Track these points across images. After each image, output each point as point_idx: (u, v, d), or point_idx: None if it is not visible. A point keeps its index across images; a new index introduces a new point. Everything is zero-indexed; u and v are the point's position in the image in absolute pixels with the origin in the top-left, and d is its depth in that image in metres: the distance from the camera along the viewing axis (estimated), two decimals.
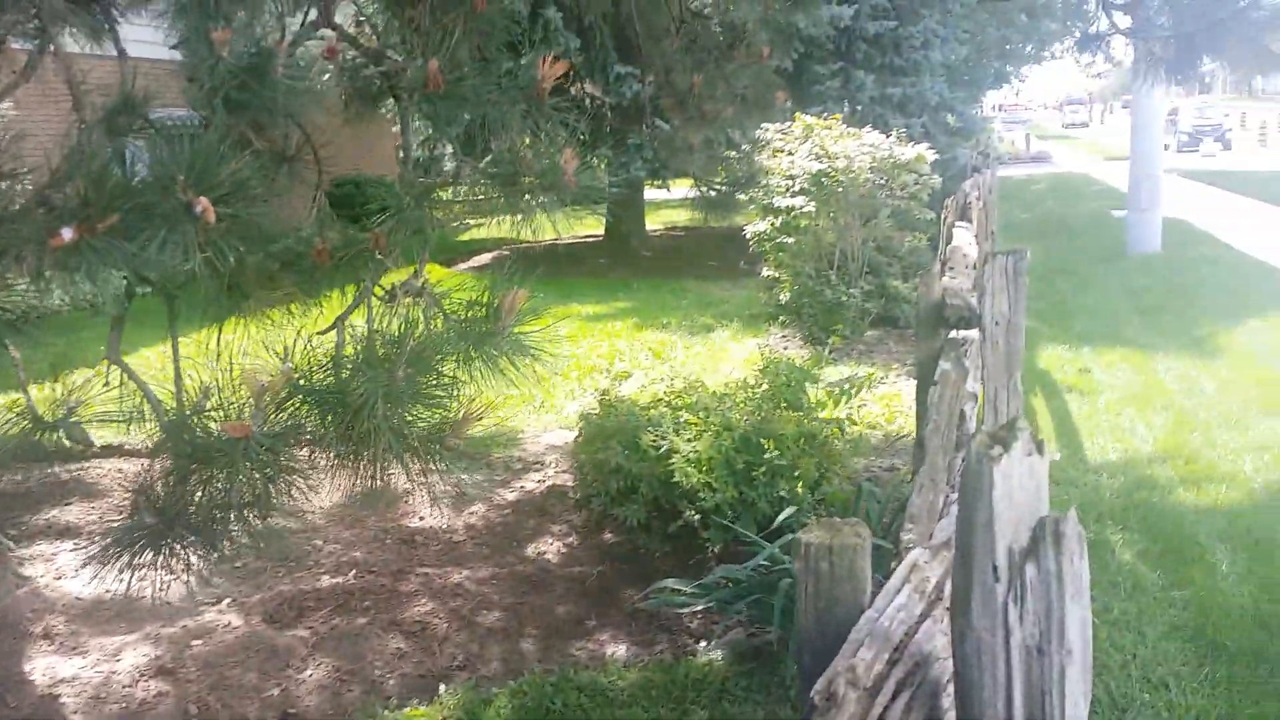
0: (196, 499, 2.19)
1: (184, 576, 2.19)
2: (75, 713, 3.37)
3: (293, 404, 2.11)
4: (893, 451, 5.41)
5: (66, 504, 5.19)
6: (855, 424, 5.40)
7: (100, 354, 2.29)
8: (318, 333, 2.43)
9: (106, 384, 2.24)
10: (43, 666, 3.67)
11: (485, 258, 14.12)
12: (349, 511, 4.91)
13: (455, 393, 2.30)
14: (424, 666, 3.61)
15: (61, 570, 4.45)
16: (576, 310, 9.54)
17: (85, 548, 4.49)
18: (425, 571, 4.34)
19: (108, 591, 4.22)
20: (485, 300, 2.35)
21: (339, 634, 3.81)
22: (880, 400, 6.35)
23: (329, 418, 2.16)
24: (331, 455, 2.24)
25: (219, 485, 2.17)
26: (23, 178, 1.91)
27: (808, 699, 1.50)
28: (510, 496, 5.21)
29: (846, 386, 5.62)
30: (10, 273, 2.05)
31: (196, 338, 2.52)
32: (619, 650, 3.71)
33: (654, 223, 16.80)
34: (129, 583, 2.12)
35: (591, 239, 15.02)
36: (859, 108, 12.20)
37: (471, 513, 5.01)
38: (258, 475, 2.06)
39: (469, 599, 4.09)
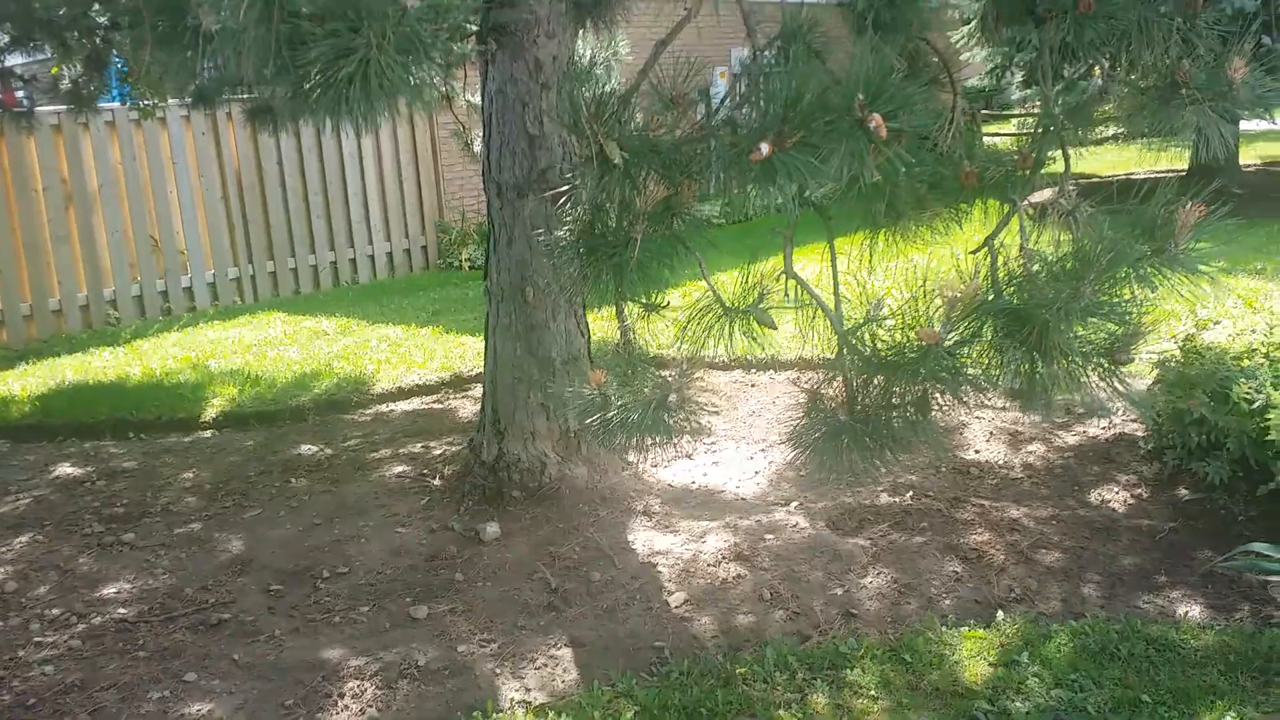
0: (867, 401, 2.59)
1: (851, 472, 2.59)
2: (669, 580, 4.08)
3: (973, 317, 2.41)
4: None
5: None
6: None
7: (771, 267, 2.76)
8: (970, 252, 2.71)
9: (786, 295, 2.71)
10: (643, 539, 4.46)
11: (1046, 194, 13.52)
12: (937, 448, 5.21)
13: (1137, 308, 2.46)
14: (980, 592, 3.82)
15: (656, 459, 5.31)
16: None
17: (675, 441, 5.31)
18: (981, 503, 4.52)
19: (694, 483, 4.99)
20: (1144, 217, 2.46)
21: (897, 549, 4.16)
22: None
23: (1006, 331, 2.42)
24: (1001, 368, 2.50)
25: (895, 388, 2.55)
26: (694, 104, 2.39)
27: None
28: (1070, 440, 5.17)
29: None
30: (701, 185, 2.59)
31: (848, 254, 2.93)
32: (1192, 610, 3.62)
33: (1249, 157, 14.90)
34: (812, 472, 2.55)
35: (1171, 173, 13.70)
36: None
37: (1029, 452, 5.07)
38: (937, 380, 2.39)
39: (1026, 535, 4.20)
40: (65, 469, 5.78)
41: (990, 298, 2.56)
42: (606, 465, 5.07)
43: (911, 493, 4.66)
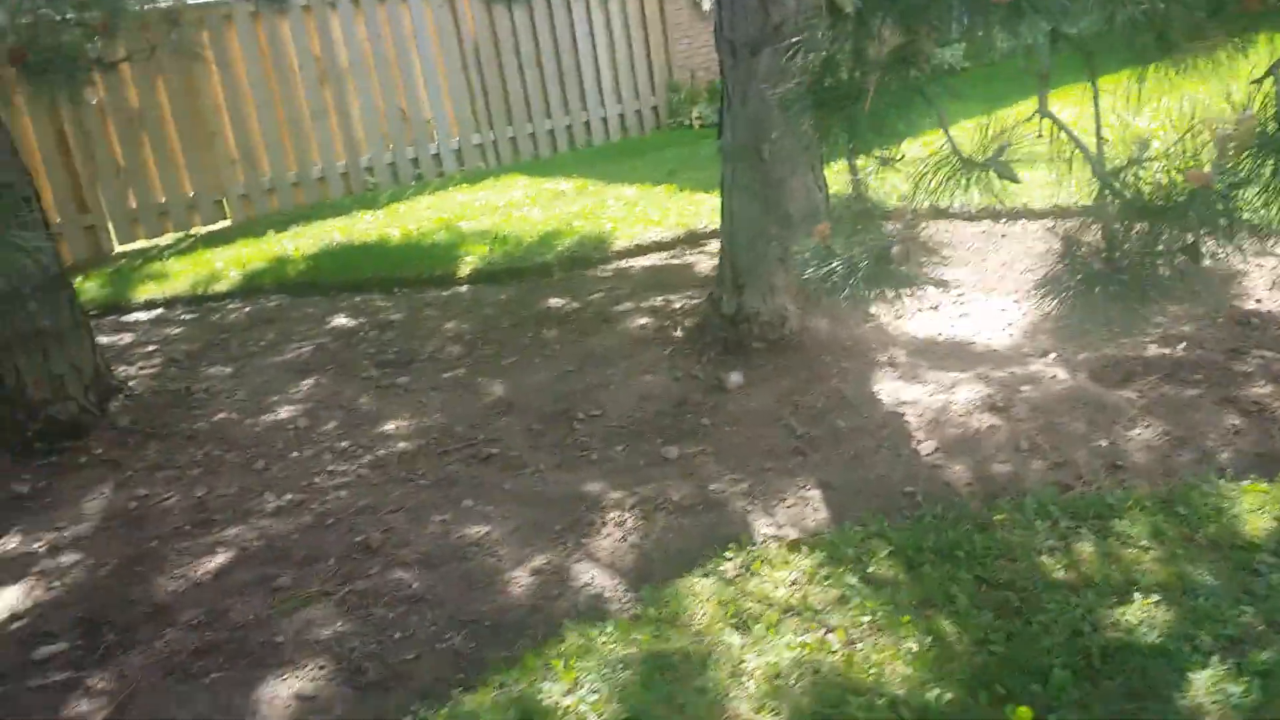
0: (1127, 247, 2.45)
1: (1107, 323, 2.48)
2: (918, 429, 4.05)
3: (1250, 155, 2.22)
4: None
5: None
6: None
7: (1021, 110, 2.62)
8: (1252, 81, 2.47)
9: (1039, 134, 2.56)
10: (888, 389, 4.43)
11: None
12: (1206, 298, 4.87)
13: None
14: (1262, 446, 3.59)
15: (901, 311, 5.21)
16: None
17: (920, 294, 5.19)
18: (1263, 355, 4.21)
19: (941, 334, 4.88)
20: None
21: (1167, 401, 3.94)
22: None
23: None
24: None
25: (1157, 233, 2.40)
26: None
27: None
28: None
29: None
30: (940, 31, 2.46)
31: (1113, 93, 2.74)
32: None
33: None
34: (1068, 322, 2.46)
35: None
36: None
37: None
38: (1207, 225, 2.23)
39: None
40: (340, 321, 6.29)
41: (1272, 130, 2.31)
42: (849, 318, 5.03)
43: (1184, 344, 4.39)
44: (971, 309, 5.18)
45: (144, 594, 3.46)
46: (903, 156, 2.92)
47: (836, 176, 5.24)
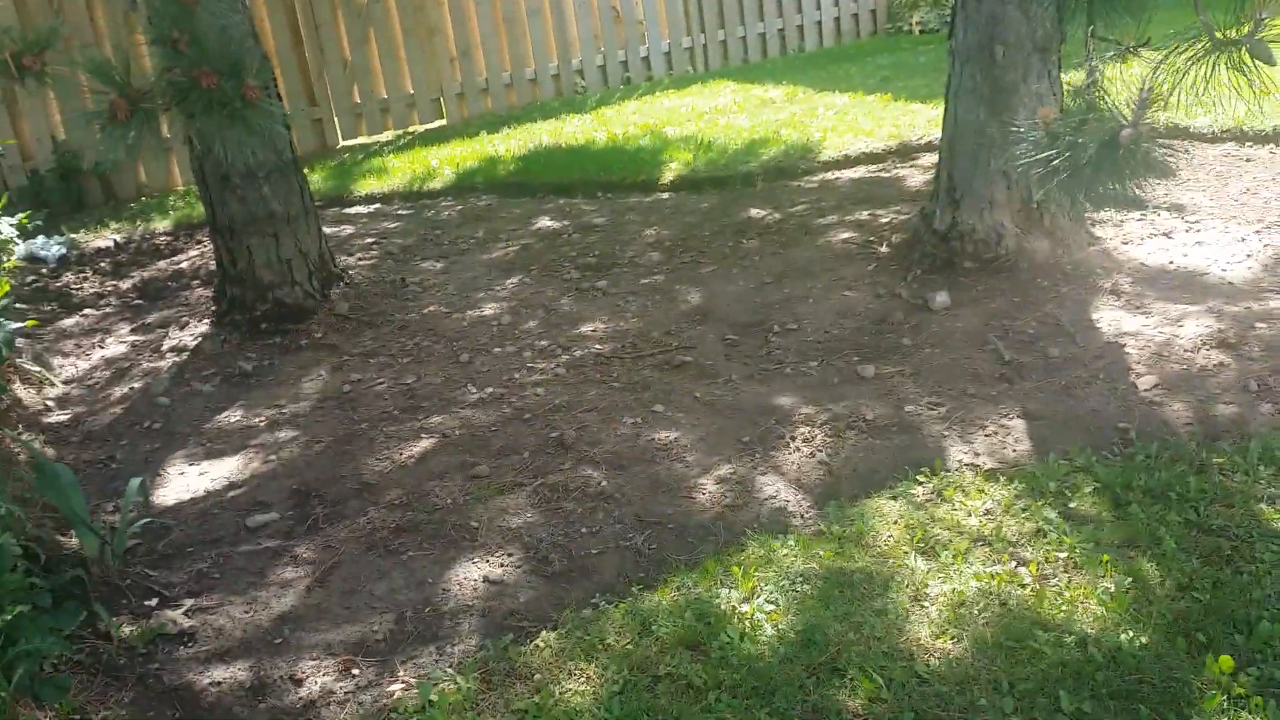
0: None
1: None
2: (1138, 362, 3.80)
3: None
4: None
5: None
6: None
7: None
8: None
9: None
10: (1108, 318, 4.16)
11: None
12: None
13: None
14: None
15: (1129, 236, 4.88)
16: None
17: (1152, 219, 4.83)
18: None
19: (1172, 263, 4.53)
20: None
21: None
22: None
23: None
24: None
25: None
26: None
27: None
28: None
29: None
30: None
31: None
32: None
33: None
34: None
35: None
36: None
37: None
38: None
39: None
40: (545, 222, 6.43)
41: None
42: (1070, 239, 4.74)
43: None
44: (1207, 237, 4.77)
45: (353, 472, 3.70)
46: (1148, 41, 2.66)
47: (1072, 86, 4.90)
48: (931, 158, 6.48)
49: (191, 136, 4.69)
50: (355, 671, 2.69)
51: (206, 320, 5.20)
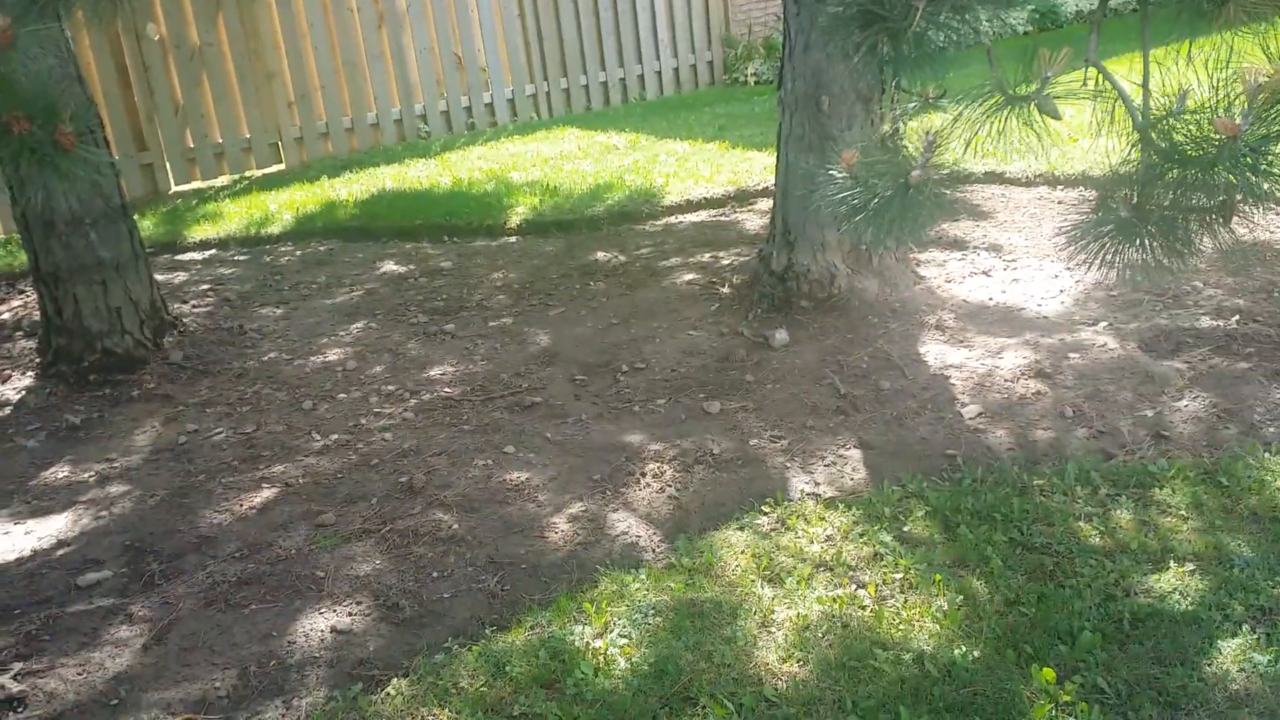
0: (1159, 198, 2.41)
1: (1141, 273, 2.45)
2: (962, 393, 4.03)
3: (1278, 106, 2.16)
4: None
5: (956, 220, 5.91)
6: None
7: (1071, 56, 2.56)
8: None
9: (1085, 83, 2.51)
10: (934, 352, 4.41)
11: None
12: (1233, 261, 4.81)
13: None
14: None
15: (951, 275, 5.18)
16: None
17: (972, 258, 5.15)
18: None
19: (991, 299, 4.83)
20: None
21: (1217, 374, 3.89)
22: None
23: None
24: None
25: (1189, 186, 2.34)
26: None
27: None
28: None
29: None
30: None
31: (1166, 49, 2.68)
32: None
33: None
34: (1090, 271, 2.43)
35: None
36: None
37: None
38: (1235, 179, 2.18)
39: None
40: (390, 266, 6.36)
41: None
42: (898, 278, 5.00)
43: (1238, 317, 4.31)
44: (1023, 275, 5.12)
45: (189, 525, 3.57)
46: (944, 94, 2.86)
47: (880, 139, 5.19)
48: (767, 203, 6.74)
49: (9, 183, 4.48)
50: None
51: (31, 372, 4.93)
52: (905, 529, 3.11)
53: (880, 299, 4.86)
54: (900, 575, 2.88)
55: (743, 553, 3.07)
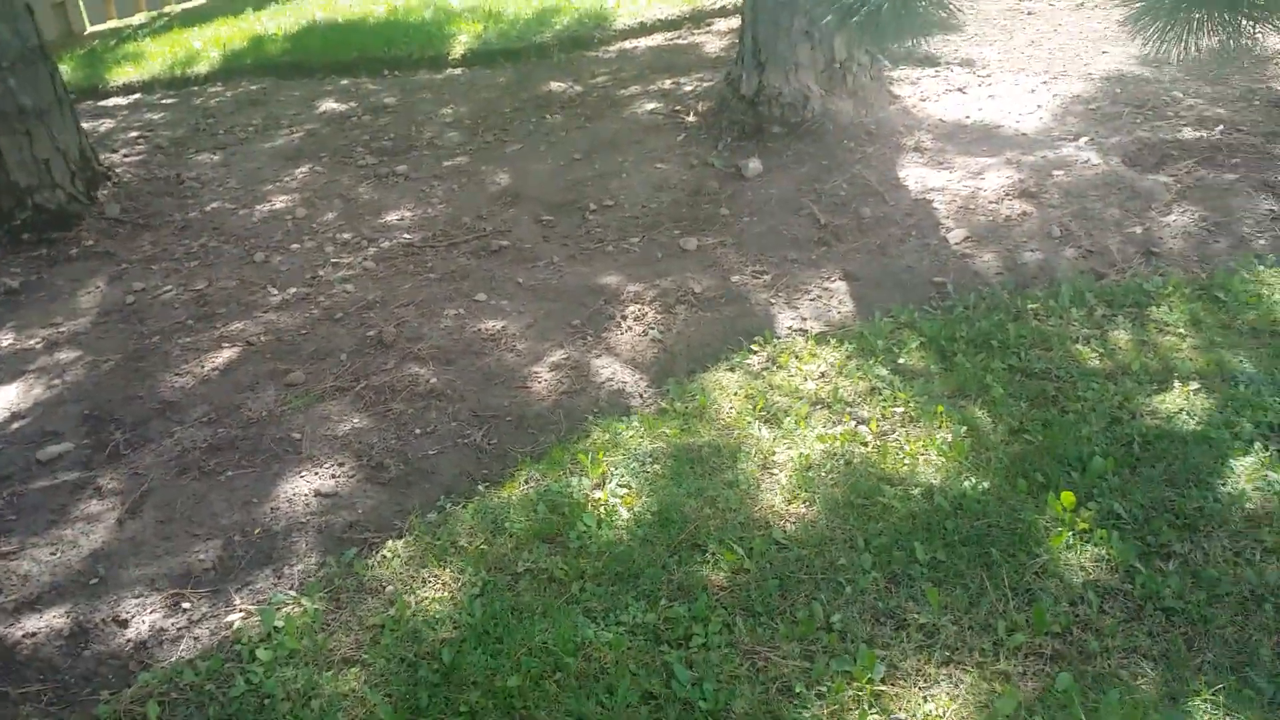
0: None
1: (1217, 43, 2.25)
2: (946, 217, 3.90)
3: None
4: None
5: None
6: None
7: None
8: None
9: None
10: (914, 176, 4.25)
11: None
12: (1210, 69, 4.65)
13: None
14: None
15: (926, 94, 4.97)
16: None
17: (945, 75, 4.93)
18: None
19: (968, 117, 4.65)
20: None
21: (1204, 186, 3.79)
22: None
23: None
24: None
25: None
26: None
27: None
28: None
29: None
30: None
31: None
32: None
33: None
34: (1160, 49, 2.26)
35: None
36: None
37: None
38: None
39: None
40: (330, 104, 5.99)
41: None
42: (873, 99, 4.79)
43: (1221, 127, 4.19)
44: (999, 90, 4.93)
45: (150, 391, 3.38)
46: None
47: None
48: (726, 23, 6.40)
49: None
50: (186, 605, 2.49)
51: None
52: (900, 361, 3.03)
53: (855, 121, 4.66)
54: (900, 409, 2.81)
55: (736, 394, 2.98)
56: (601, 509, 2.57)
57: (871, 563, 2.30)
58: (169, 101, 6.38)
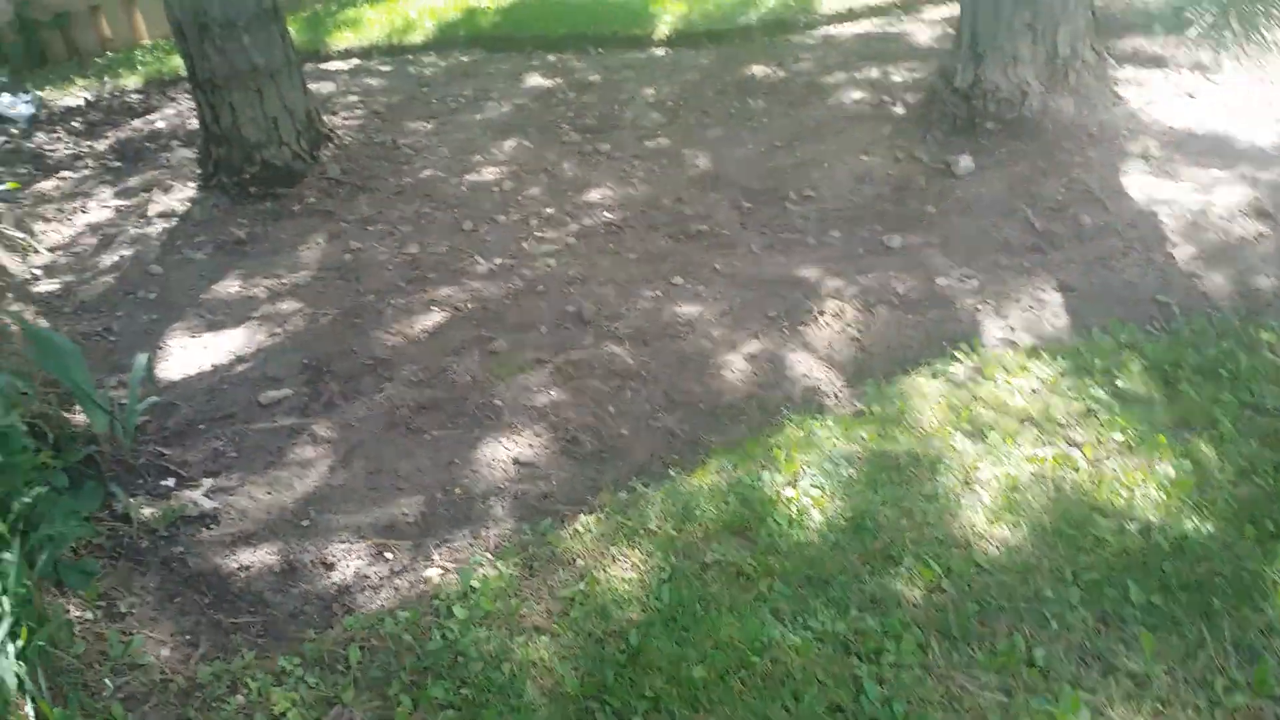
0: None
1: None
2: (1173, 231, 3.66)
3: None
4: None
5: (1152, 33, 5.30)
6: None
7: None
8: None
9: None
10: (1139, 184, 4.00)
11: None
12: None
13: None
14: None
15: (1151, 97, 4.67)
16: None
17: (1174, 78, 4.61)
18: None
19: (1199, 125, 4.34)
20: None
21: None
22: None
23: None
24: None
25: None
26: None
27: None
28: None
29: None
30: None
31: None
32: None
33: None
34: None
35: None
36: None
37: None
38: None
39: None
40: (536, 80, 6.09)
41: None
42: (1096, 99, 4.52)
43: None
44: (1232, 98, 4.58)
45: (363, 346, 3.52)
46: None
47: None
48: (938, 11, 6.18)
49: None
50: (388, 555, 2.58)
51: (191, 183, 4.91)
52: (1120, 384, 2.86)
53: (1076, 122, 4.42)
54: (1118, 436, 2.65)
55: (937, 403, 2.87)
56: (793, 508, 2.53)
57: (1080, 598, 2.18)
58: (385, 69, 6.62)
